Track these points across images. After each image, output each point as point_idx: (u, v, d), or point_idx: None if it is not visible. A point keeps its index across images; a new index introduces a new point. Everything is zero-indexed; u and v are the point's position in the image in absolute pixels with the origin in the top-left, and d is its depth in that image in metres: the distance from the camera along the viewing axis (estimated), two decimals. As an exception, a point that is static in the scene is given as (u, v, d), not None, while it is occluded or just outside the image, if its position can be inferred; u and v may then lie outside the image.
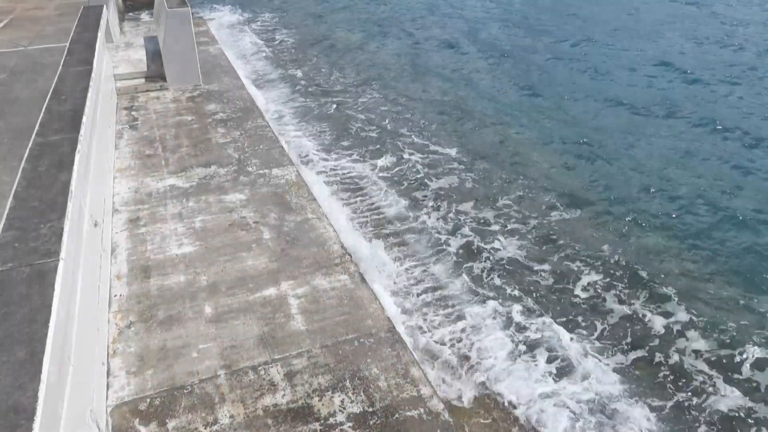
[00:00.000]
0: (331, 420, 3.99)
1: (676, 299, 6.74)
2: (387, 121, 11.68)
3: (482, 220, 8.27)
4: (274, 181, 7.24)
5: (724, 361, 5.95)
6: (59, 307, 3.03)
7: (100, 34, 8.60)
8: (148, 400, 4.13)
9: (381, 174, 9.52)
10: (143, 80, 10.71)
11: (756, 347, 6.06)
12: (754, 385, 5.68)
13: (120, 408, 4.05)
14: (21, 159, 4.62)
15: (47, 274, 3.24)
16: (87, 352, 3.75)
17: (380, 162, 9.89)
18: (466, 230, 8.01)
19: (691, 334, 6.26)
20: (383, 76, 14.50)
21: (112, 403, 4.08)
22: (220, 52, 13.23)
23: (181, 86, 10.47)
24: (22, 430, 2.30)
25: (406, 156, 10.16)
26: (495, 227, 8.10)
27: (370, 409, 4.08)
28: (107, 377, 4.29)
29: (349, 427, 3.94)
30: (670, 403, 5.42)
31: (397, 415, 4.04)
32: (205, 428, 3.91)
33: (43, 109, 5.64)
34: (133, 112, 9.38)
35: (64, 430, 2.74)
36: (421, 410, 4.08)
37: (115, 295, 5.18)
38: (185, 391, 4.21)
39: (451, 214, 8.41)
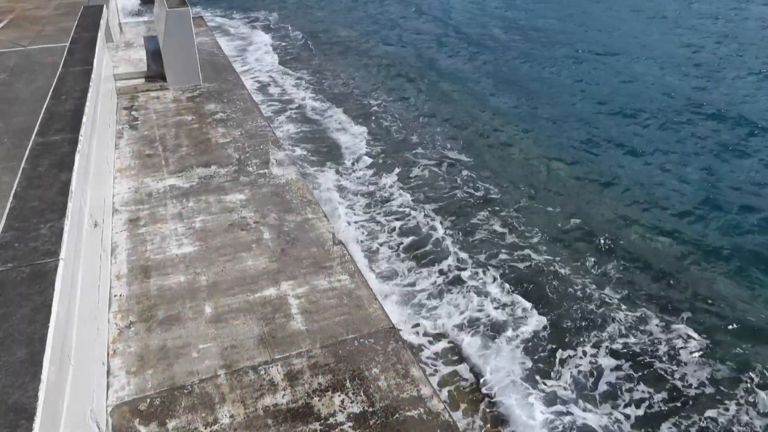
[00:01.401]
0: (331, 420, 3.99)
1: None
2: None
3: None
4: (274, 181, 7.23)
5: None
6: (59, 307, 3.03)
7: (100, 34, 8.60)
8: (148, 399, 4.13)
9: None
10: (143, 80, 10.72)
11: None
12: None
13: (120, 408, 4.05)
14: (21, 159, 4.62)
15: (47, 274, 3.23)
16: (87, 352, 3.75)
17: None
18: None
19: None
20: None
21: (112, 403, 4.08)
22: (220, 52, 13.24)
23: (181, 86, 10.47)
24: (22, 430, 2.30)
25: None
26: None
27: (370, 409, 4.08)
28: (107, 377, 4.29)
29: (349, 427, 3.94)
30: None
31: (397, 415, 4.04)
32: (205, 428, 3.91)
33: (43, 109, 5.63)
34: (133, 112, 9.38)
35: (64, 429, 2.74)
36: (421, 410, 4.08)
37: (115, 295, 5.18)
38: (185, 391, 4.21)
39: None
